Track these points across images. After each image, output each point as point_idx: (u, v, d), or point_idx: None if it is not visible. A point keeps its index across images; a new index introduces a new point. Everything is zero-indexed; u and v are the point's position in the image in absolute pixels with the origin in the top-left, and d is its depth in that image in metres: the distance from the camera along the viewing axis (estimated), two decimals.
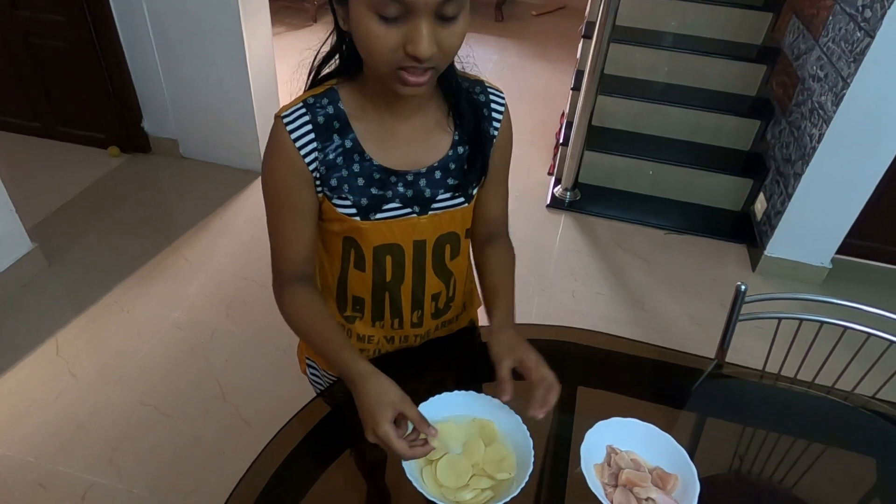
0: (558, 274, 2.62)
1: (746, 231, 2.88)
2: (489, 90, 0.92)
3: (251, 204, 2.83)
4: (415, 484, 0.78)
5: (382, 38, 0.69)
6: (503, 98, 0.94)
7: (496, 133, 0.93)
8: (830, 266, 2.60)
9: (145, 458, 1.77)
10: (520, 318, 0.97)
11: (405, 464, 0.81)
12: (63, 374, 1.99)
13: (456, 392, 0.91)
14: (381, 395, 0.78)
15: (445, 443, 0.84)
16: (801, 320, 1.14)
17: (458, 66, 0.87)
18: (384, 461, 0.91)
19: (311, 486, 0.89)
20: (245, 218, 2.76)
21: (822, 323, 1.14)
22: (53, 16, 2.73)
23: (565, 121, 3.30)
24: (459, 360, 1.10)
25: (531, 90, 4.17)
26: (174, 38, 2.72)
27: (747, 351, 1.39)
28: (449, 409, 0.89)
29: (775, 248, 2.60)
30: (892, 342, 1.11)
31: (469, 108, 0.88)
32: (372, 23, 0.69)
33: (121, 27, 2.75)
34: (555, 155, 3.29)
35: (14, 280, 2.27)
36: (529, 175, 3.23)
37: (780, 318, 1.16)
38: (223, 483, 1.57)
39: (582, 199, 3.04)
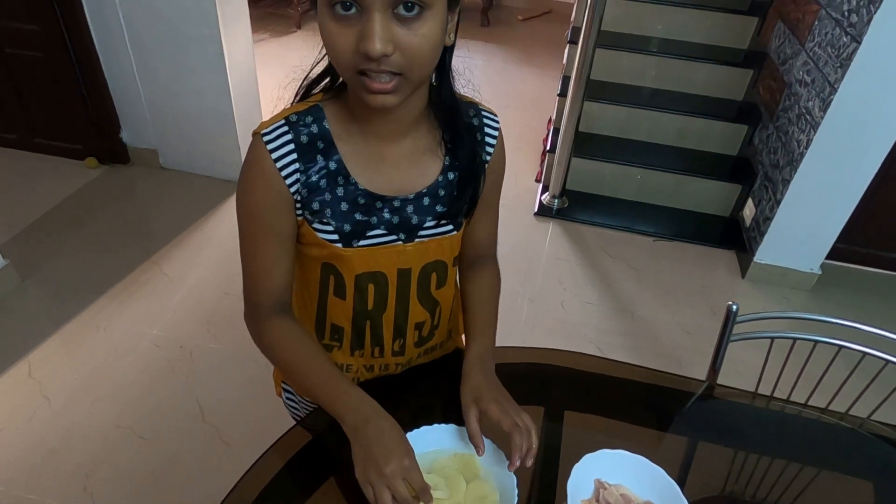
0: (547, 283, 2.58)
1: (735, 237, 2.85)
2: (483, 113, 0.88)
3: (233, 215, 2.73)
4: None
5: (338, 35, 0.65)
6: (497, 122, 0.89)
7: (488, 158, 0.88)
8: (820, 272, 2.58)
9: (121, 484, 1.71)
10: (509, 329, 0.93)
11: None
12: (35, 397, 1.92)
13: (436, 426, 0.86)
14: (391, 429, 0.76)
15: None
16: (795, 339, 1.11)
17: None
18: None
19: None
20: (226, 230, 2.70)
21: (816, 342, 1.10)
22: (27, 25, 2.65)
23: (552, 127, 3.26)
24: (444, 387, 1.05)
25: (518, 96, 4.14)
26: (151, 47, 2.66)
27: (740, 362, 1.35)
28: (430, 442, 0.85)
29: (764, 254, 2.58)
30: (888, 361, 1.07)
31: (465, 133, 0.83)
32: (329, 21, 0.65)
33: (96, 36, 2.68)
34: (542, 161, 3.26)
35: None
36: (517, 182, 3.19)
37: (772, 338, 1.13)
38: None
39: (570, 207, 3.01)
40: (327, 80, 0.81)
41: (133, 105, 2.88)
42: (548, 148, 3.11)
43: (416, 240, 0.85)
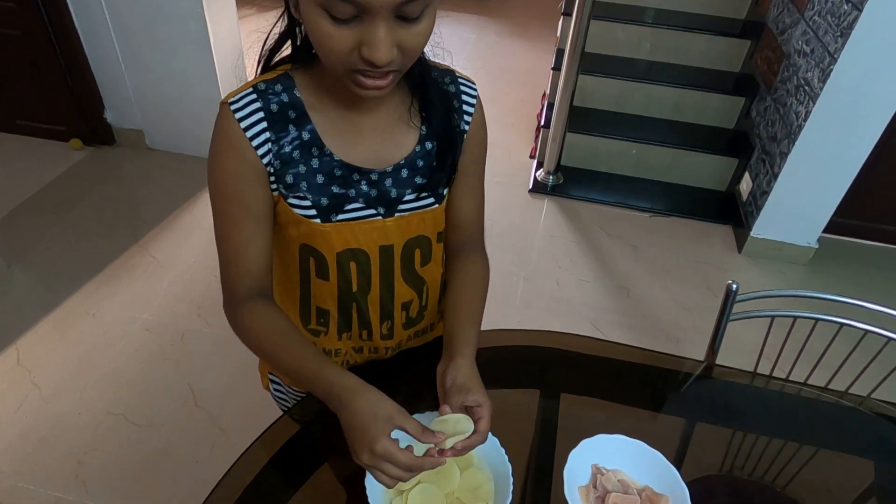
0: (542, 261, 2.55)
1: (732, 211, 2.83)
2: (460, 81, 0.84)
3: None
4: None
5: (335, 38, 0.61)
6: (475, 89, 0.85)
7: (467, 127, 0.84)
8: (817, 246, 2.56)
9: (114, 471, 1.69)
10: (503, 308, 0.90)
11: (371, 494, 0.74)
12: (25, 385, 1.90)
13: (428, 413, 0.83)
14: (374, 408, 0.69)
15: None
16: (795, 318, 1.08)
17: (427, 52, 0.77)
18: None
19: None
20: None
21: (817, 320, 1.08)
22: (2, 2, 2.57)
23: (546, 102, 3.20)
24: (433, 370, 1.03)
25: (511, 70, 4.06)
26: (133, 25, 2.58)
27: (739, 339, 1.33)
28: None
29: (761, 228, 2.55)
30: (889, 339, 1.05)
31: (438, 100, 0.80)
32: (323, 21, 0.61)
33: (75, 13, 2.60)
34: (536, 137, 3.21)
35: None
36: (511, 159, 3.14)
37: (773, 317, 1.10)
38: (197, 493, 1.50)
39: (565, 183, 2.97)
40: (288, 45, 0.77)
41: (116, 85, 2.81)
42: (542, 123, 3.05)
43: (397, 214, 0.81)
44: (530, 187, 2.94)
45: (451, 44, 0.81)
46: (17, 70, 2.78)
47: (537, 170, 3.01)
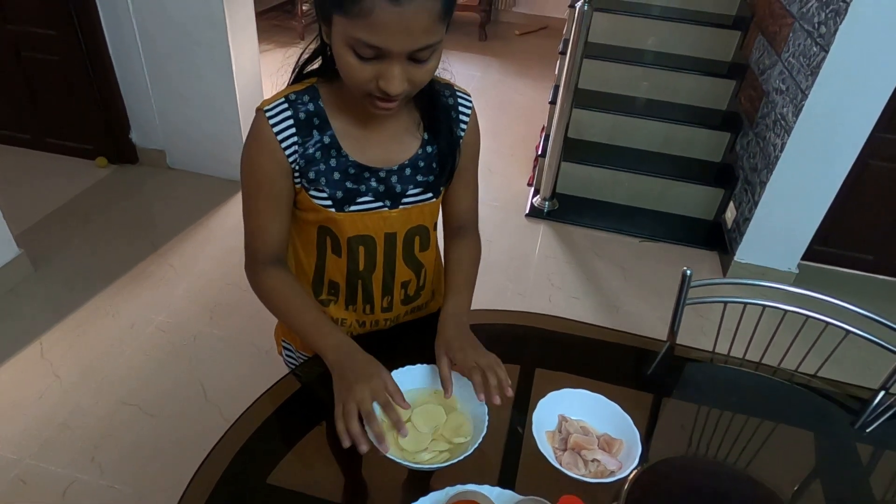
0: (536, 280, 2.69)
1: (718, 239, 2.98)
2: (458, 94, 1.00)
3: (235, 213, 2.89)
4: (376, 444, 0.84)
5: (358, 70, 0.77)
6: (470, 101, 1.02)
7: (463, 134, 1.01)
8: (797, 271, 2.69)
9: (127, 456, 1.81)
10: None
11: (368, 428, 0.87)
12: (47, 375, 2.03)
13: (418, 366, 0.97)
14: (370, 359, 0.85)
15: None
16: (746, 304, 1.22)
17: None
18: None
19: (280, 461, 0.94)
20: (229, 226, 2.82)
21: (765, 307, 1.22)
22: (44, 30, 2.80)
23: (544, 134, 3.40)
24: (425, 341, 1.16)
25: (513, 106, 4.29)
26: (162, 52, 2.80)
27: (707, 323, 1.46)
28: (413, 381, 0.96)
29: (744, 254, 2.70)
30: (828, 323, 1.19)
31: (440, 113, 0.96)
32: (349, 56, 0.76)
33: (110, 40, 2.83)
34: (534, 167, 3.39)
35: (0, 284, 2.31)
36: (510, 186, 3.32)
37: (725, 303, 1.24)
38: None
39: (560, 209, 3.13)
40: (319, 60, 0.93)
41: (143, 107, 3.02)
42: (539, 153, 3.24)
43: (400, 206, 0.97)
44: (527, 212, 3.11)
45: (458, 81, 0.99)
46: (53, 92, 3.00)
47: (534, 196, 3.18)
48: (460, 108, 1.00)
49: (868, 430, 1.07)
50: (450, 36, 0.80)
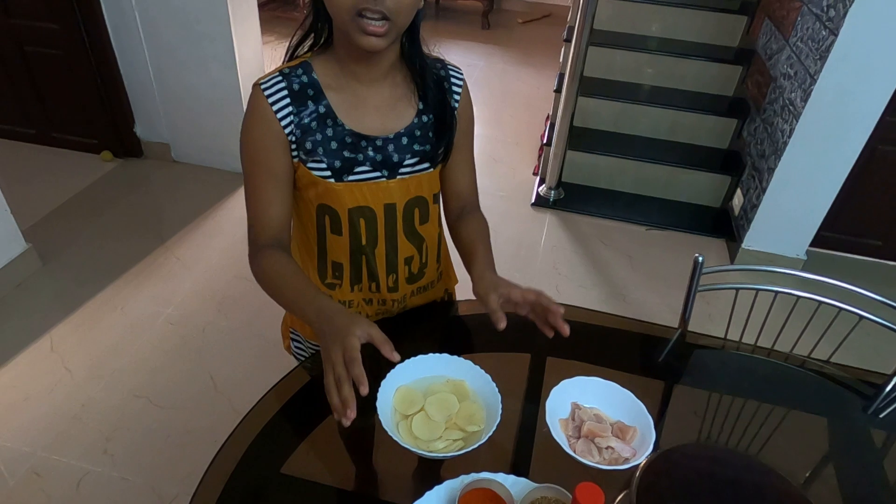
0: (543, 269, 2.69)
1: (725, 226, 2.96)
2: (449, 67, 1.02)
3: (241, 205, 2.85)
4: (389, 433, 0.84)
5: None
6: (462, 74, 1.03)
7: (457, 105, 1.01)
8: (805, 258, 2.68)
9: (139, 447, 1.82)
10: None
11: (381, 417, 0.87)
12: (58, 369, 2.04)
13: (431, 355, 0.97)
14: (353, 317, 0.80)
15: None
16: (758, 290, 1.21)
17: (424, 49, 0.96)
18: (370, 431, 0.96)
19: (293, 451, 0.94)
20: (235, 218, 2.82)
21: (776, 293, 1.21)
22: (47, 24, 2.79)
23: (549, 122, 3.38)
24: (436, 330, 1.16)
25: (517, 95, 4.26)
26: (165, 45, 2.79)
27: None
28: (426, 369, 0.96)
29: (752, 241, 2.68)
30: (841, 309, 1.18)
31: (432, 81, 0.97)
32: None
33: (113, 34, 2.82)
34: (540, 156, 3.37)
35: (9, 279, 2.32)
36: (515, 175, 3.31)
37: (737, 289, 1.23)
38: None
39: (566, 198, 3.12)
40: (311, 40, 0.95)
41: (147, 100, 3.01)
42: (545, 142, 3.22)
43: (398, 176, 0.98)
44: (533, 201, 3.10)
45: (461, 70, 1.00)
46: (57, 87, 3.00)
47: (540, 185, 3.17)
48: (452, 80, 1.01)
49: (882, 416, 1.06)
50: (452, 25, 0.81)
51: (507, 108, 4.01)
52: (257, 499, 0.85)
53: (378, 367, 0.95)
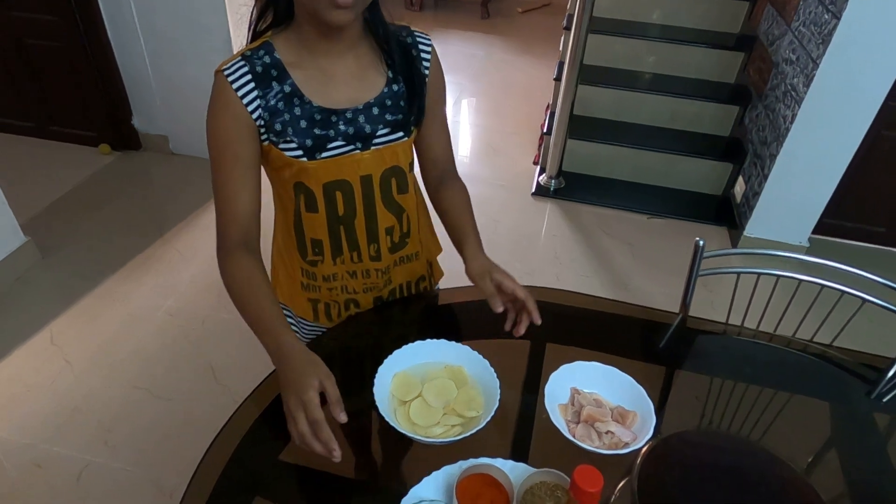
0: (544, 259, 2.67)
1: (727, 214, 2.94)
2: (416, 34, 1.00)
3: None
4: (387, 419, 0.83)
5: None
6: (429, 40, 1.01)
7: (427, 72, 1.00)
8: (808, 245, 2.66)
9: (139, 438, 1.82)
10: None
11: (379, 403, 0.86)
12: (58, 361, 2.04)
13: (429, 341, 0.96)
14: (310, 365, 0.78)
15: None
16: (759, 274, 1.20)
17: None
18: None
19: (290, 439, 0.93)
20: None
21: (778, 277, 1.20)
22: (45, 16, 2.77)
23: (549, 111, 3.36)
24: (435, 318, 1.15)
25: (517, 84, 4.23)
26: (162, 36, 2.77)
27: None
28: (424, 355, 0.95)
29: (754, 228, 2.67)
30: (844, 293, 1.17)
31: (398, 48, 0.96)
32: None
33: (109, 26, 2.80)
34: (540, 145, 3.35)
35: (8, 272, 2.31)
36: (515, 165, 3.29)
37: (738, 273, 1.22)
38: None
39: (566, 187, 3.10)
40: (270, 16, 0.92)
41: (144, 93, 3.00)
42: (545, 131, 3.20)
43: (372, 147, 0.96)
44: (533, 191, 3.08)
45: (460, 60, 0.98)
46: (55, 79, 2.98)
47: (540, 174, 3.15)
48: (420, 47, 0.99)
49: (884, 400, 1.05)
50: (451, 15, 0.79)
51: (507, 97, 3.98)
52: (255, 486, 0.85)
53: (376, 353, 0.95)
